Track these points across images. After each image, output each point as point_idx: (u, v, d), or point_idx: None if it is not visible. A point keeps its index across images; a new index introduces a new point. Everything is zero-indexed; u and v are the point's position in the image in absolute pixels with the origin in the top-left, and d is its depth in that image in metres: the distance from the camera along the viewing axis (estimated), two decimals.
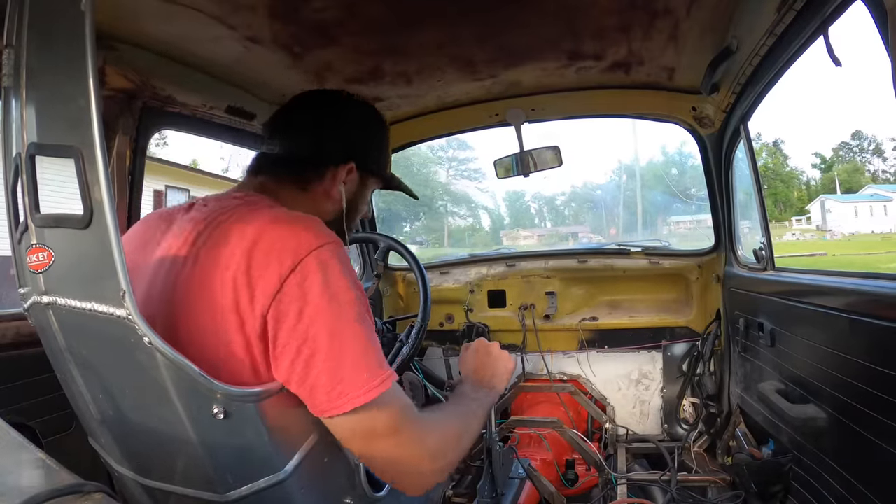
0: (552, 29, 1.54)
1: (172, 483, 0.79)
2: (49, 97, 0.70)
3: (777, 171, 45.65)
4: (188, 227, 0.81)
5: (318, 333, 0.71)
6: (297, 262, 0.72)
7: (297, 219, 0.78)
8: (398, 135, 2.36)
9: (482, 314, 2.56)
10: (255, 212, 0.80)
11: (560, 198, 43.80)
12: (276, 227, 0.76)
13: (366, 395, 0.71)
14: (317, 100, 0.99)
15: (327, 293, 0.72)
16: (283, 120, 0.98)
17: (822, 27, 1.09)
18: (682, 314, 2.37)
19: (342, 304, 0.73)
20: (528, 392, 2.44)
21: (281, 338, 0.72)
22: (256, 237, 0.74)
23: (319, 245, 0.74)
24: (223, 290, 0.72)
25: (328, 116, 0.97)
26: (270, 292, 0.71)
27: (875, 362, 1.03)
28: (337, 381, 0.71)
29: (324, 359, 0.71)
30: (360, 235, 2.29)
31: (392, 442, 0.76)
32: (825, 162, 48.22)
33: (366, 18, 1.38)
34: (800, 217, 38.88)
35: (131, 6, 1.16)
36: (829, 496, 1.25)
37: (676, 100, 2.03)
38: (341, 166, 0.95)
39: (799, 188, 45.82)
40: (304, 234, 0.75)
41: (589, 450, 2.02)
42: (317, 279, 0.72)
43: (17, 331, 1.13)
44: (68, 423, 1.17)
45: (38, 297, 0.75)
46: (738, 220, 2.13)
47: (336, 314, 0.72)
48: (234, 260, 0.73)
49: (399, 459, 0.78)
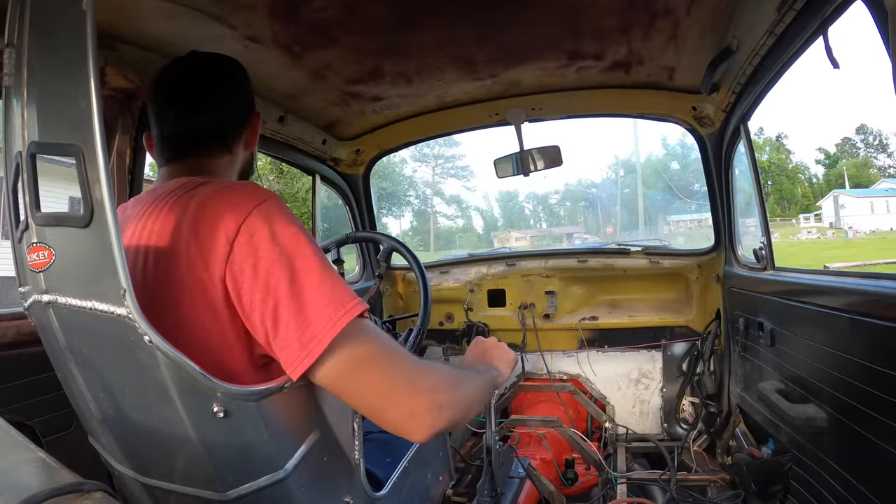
0: (553, 28, 1.54)
1: (172, 482, 0.79)
2: (50, 96, 0.70)
3: (782, 167, 43.73)
4: (138, 225, 0.81)
5: (278, 282, 0.71)
6: (241, 221, 0.73)
7: (232, 186, 0.80)
8: (398, 135, 2.36)
9: (482, 313, 2.56)
10: (192, 191, 0.81)
11: (554, 196, 42.42)
12: (214, 197, 0.77)
13: (334, 327, 0.70)
14: (198, 68, 0.98)
15: (277, 243, 0.73)
16: (180, 93, 0.95)
17: (822, 27, 1.09)
18: (681, 314, 2.37)
19: (294, 249, 0.73)
20: (527, 391, 2.44)
21: (244, 297, 0.72)
22: (198, 210, 0.76)
23: (260, 202, 0.75)
24: (183, 272, 0.74)
25: (226, 78, 0.99)
26: (222, 256, 0.72)
27: (875, 362, 1.03)
28: (305, 325, 0.71)
29: (287, 305, 0.71)
30: (363, 235, 2.30)
31: (379, 374, 0.74)
32: (830, 157, 46.44)
33: (366, 18, 1.38)
34: (807, 214, 36.99)
35: (132, 6, 1.16)
36: (829, 496, 1.25)
37: (676, 99, 2.03)
38: (254, 115, 1.01)
39: (803, 184, 43.90)
40: (241, 196, 0.76)
41: (589, 449, 2.03)
42: (264, 232, 0.73)
43: (17, 330, 1.13)
44: (68, 422, 1.17)
45: (38, 296, 0.75)
46: (738, 220, 2.13)
47: (290, 260, 0.72)
48: (182, 239, 0.74)
49: (390, 390, 0.75)
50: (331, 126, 2.22)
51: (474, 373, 0.95)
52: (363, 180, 2.54)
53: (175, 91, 0.95)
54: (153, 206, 0.82)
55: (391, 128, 2.31)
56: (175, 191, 0.83)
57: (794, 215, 38.79)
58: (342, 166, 2.45)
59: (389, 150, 2.48)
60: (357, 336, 0.73)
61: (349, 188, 2.52)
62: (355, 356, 0.73)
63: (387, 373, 0.75)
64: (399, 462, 1.14)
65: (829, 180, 43.02)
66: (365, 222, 2.60)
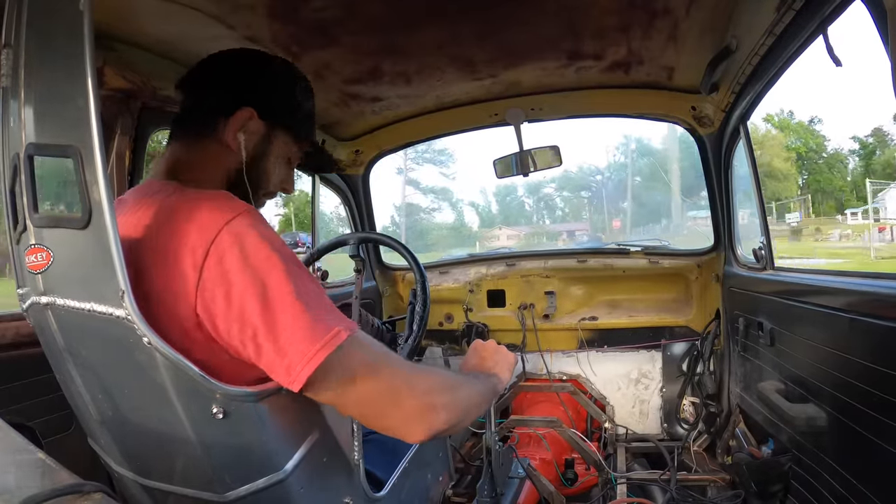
0: (552, 28, 1.54)
1: (172, 483, 0.79)
2: (48, 97, 0.70)
3: (819, 153, 34.31)
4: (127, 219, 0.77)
5: (252, 311, 0.68)
6: (210, 243, 0.68)
7: (199, 198, 0.74)
8: (397, 135, 2.36)
9: (482, 314, 2.56)
10: (159, 203, 0.76)
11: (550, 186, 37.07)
12: (180, 212, 0.72)
13: (311, 363, 0.67)
14: (214, 55, 0.95)
15: (248, 266, 0.68)
16: (184, 82, 0.94)
17: (822, 27, 1.09)
18: (681, 313, 2.37)
19: (267, 273, 0.69)
20: (527, 391, 2.44)
21: (220, 326, 0.69)
22: (164, 227, 0.71)
23: (229, 219, 0.69)
24: (158, 290, 0.70)
25: (219, 66, 0.93)
26: (192, 284, 0.68)
27: (874, 362, 1.03)
28: (283, 356, 0.68)
29: (265, 335, 0.68)
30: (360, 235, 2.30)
31: (372, 384, 0.72)
32: (865, 147, 36.13)
33: (365, 17, 1.38)
34: (854, 210, 29.16)
35: (130, 6, 1.16)
36: (829, 495, 1.25)
37: (676, 99, 2.03)
38: (238, 112, 0.88)
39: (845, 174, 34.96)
40: (210, 212, 0.70)
41: (588, 449, 2.02)
42: (234, 255, 0.68)
43: (16, 331, 1.12)
44: (68, 424, 1.17)
45: (36, 298, 0.75)
46: (738, 219, 2.13)
47: (263, 287, 0.68)
48: (149, 258, 0.71)
49: (386, 398, 0.74)
50: (330, 127, 2.21)
51: (473, 377, 0.94)
52: (362, 181, 2.54)
53: (182, 81, 0.95)
54: (133, 208, 0.79)
55: (390, 128, 2.31)
56: (157, 193, 0.80)
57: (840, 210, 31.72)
58: (341, 167, 2.45)
59: (389, 150, 2.48)
60: (343, 359, 0.70)
61: (349, 189, 2.52)
62: (346, 376, 0.71)
63: (381, 382, 0.74)
64: (399, 462, 1.14)
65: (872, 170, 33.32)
66: (365, 223, 2.60)
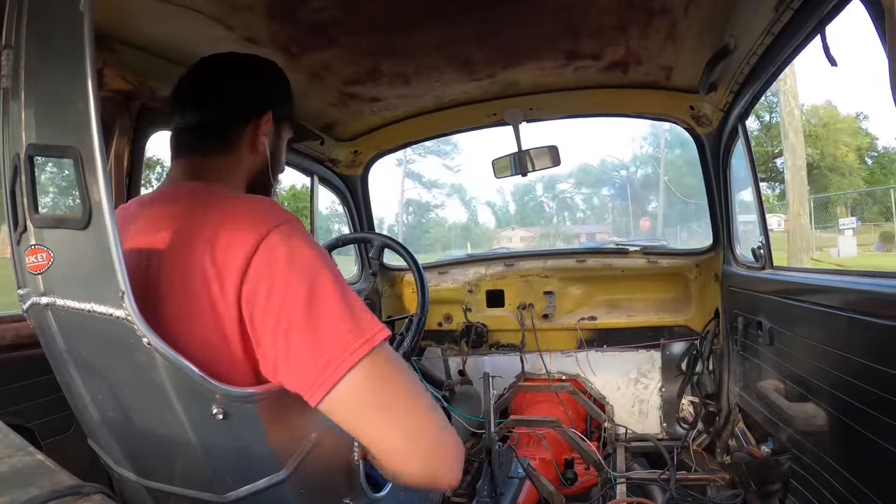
0: (550, 28, 1.54)
1: (172, 484, 0.79)
2: (48, 98, 0.70)
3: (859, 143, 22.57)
4: (145, 226, 0.79)
5: (293, 305, 0.69)
6: (259, 240, 0.70)
7: (250, 201, 0.78)
8: (396, 135, 2.36)
9: (481, 314, 2.56)
10: (207, 202, 0.78)
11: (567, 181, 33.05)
12: (232, 211, 0.75)
13: (353, 355, 0.68)
14: (215, 62, 0.96)
15: (295, 265, 0.70)
16: (190, 88, 0.94)
17: (820, 26, 1.09)
18: (680, 313, 2.38)
19: (314, 272, 0.71)
20: (526, 391, 2.44)
21: (257, 318, 0.70)
22: (216, 224, 0.73)
23: (280, 223, 0.73)
24: (198, 288, 0.71)
25: (235, 74, 0.95)
26: (238, 274, 0.70)
27: (874, 361, 1.03)
28: (321, 351, 0.68)
29: (301, 329, 0.68)
30: (356, 236, 2.30)
31: (401, 409, 0.72)
32: None
33: (364, 18, 1.38)
34: None
35: (129, 7, 1.16)
36: (829, 494, 1.25)
37: (674, 99, 2.03)
38: (263, 116, 0.93)
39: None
40: (261, 214, 0.74)
41: (588, 449, 2.03)
42: (282, 252, 0.70)
43: (16, 332, 1.12)
44: (68, 425, 1.17)
45: (37, 298, 0.75)
46: (737, 219, 2.14)
47: (308, 283, 0.70)
48: (197, 253, 0.72)
49: (416, 432, 0.73)
50: (329, 127, 2.22)
51: None
52: (361, 181, 2.54)
53: (184, 87, 0.95)
54: (163, 208, 0.81)
55: (389, 128, 2.31)
56: (187, 195, 0.82)
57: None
58: (340, 167, 2.45)
59: (388, 150, 2.48)
60: (379, 365, 0.70)
61: (347, 189, 2.52)
62: (376, 387, 0.71)
63: (411, 410, 0.73)
64: None
65: None
66: (363, 223, 2.60)
